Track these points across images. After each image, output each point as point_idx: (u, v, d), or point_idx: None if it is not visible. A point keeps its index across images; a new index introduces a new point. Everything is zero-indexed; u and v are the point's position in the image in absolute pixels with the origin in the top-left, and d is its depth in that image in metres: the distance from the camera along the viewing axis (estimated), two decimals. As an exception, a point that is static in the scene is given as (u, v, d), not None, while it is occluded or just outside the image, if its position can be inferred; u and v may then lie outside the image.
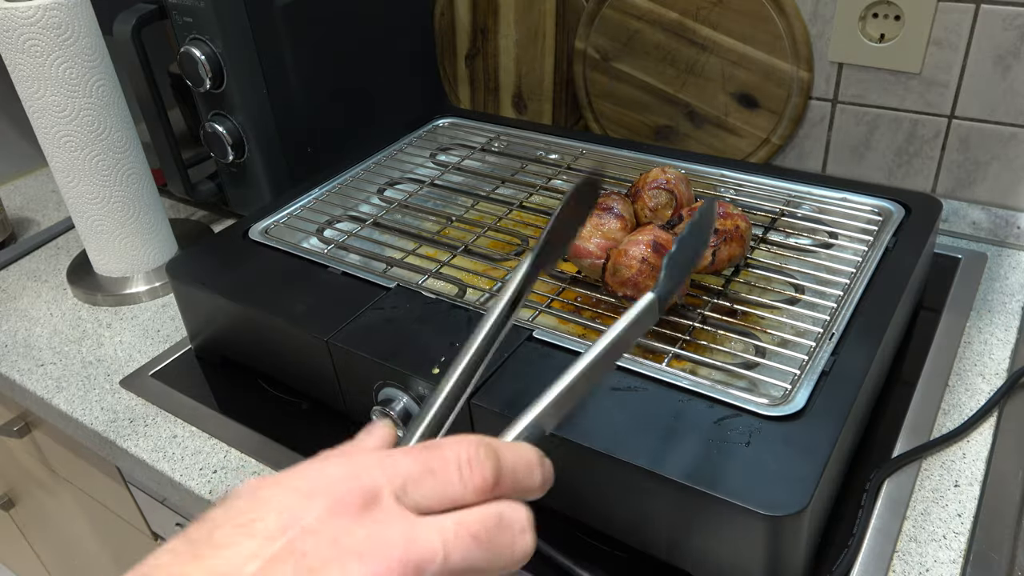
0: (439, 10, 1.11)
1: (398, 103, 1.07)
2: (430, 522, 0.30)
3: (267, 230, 0.79)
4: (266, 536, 0.28)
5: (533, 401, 0.37)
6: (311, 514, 0.29)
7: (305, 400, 0.72)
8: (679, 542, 0.51)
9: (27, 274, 0.98)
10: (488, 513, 0.31)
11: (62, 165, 0.82)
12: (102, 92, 0.80)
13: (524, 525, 0.32)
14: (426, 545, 0.29)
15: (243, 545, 0.28)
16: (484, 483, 0.31)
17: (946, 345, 0.71)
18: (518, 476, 0.33)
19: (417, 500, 0.31)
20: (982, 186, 0.86)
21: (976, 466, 0.60)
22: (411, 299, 0.66)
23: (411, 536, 0.29)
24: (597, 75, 1.01)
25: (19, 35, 0.74)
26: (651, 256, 0.60)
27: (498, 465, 0.32)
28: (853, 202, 0.75)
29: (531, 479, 0.33)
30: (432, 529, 0.30)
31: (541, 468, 0.34)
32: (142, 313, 0.88)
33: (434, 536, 0.29)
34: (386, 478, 0.31)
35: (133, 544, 0.98)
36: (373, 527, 0.29)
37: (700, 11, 0.90)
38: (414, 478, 0.31)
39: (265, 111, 0.90)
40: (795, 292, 0.66)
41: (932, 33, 0.81)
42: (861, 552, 0.54)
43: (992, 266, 0.82)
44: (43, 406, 0.78)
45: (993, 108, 0.82)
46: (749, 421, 0.52)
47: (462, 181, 0.89)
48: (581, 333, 0.64)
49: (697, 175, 0.81)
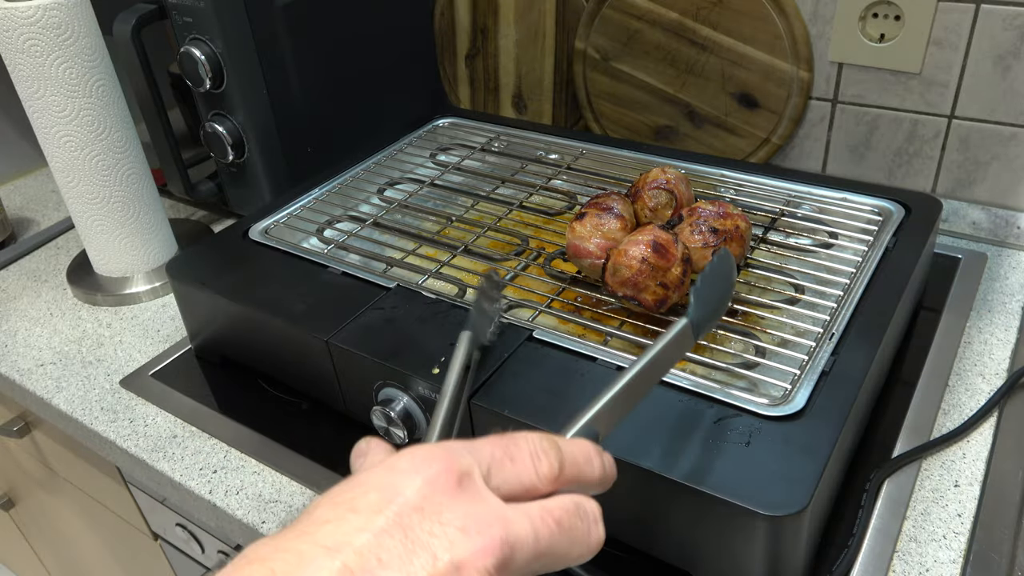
0: (439, 10, 1.11)
1: (398, 103, 1.07)
2: (517, 506, 0.31)
3: (267, 230, 0.79)
4: (371, 511, 0.29)
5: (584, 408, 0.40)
6: (411, 490, 0.30)
7: (305, 400, 0.72)
8: (679, 542, 0.51)
9: (27, 274, 0.98)
10: (567, 501, 0.33)
11: (62, 165, 0.82)
12: (102, 92, 0.80)
13: (597, 516, 0.34)
14: (520, 526, 0.31)
15: (348, 520, 0.29)
16: (551, 471, 0.33)
17: (946, 345, 0.71)
18: (580, 466, 0.35)
19: (499, 484, 0.32)
20: (982, 186, 0.86)
21: (976, 466, 0.60)
22: (411, 299, 0.66)
23: (506, 516, 0.31)
24: (597, 75, 1.01)
25: (19, 35, 0.74)
26: (651, 256, 0.60)
27: (561, 455, 0.34)
28: (853, 202, 0.75)
29: (591, 469, 0.35)
30: (521, 512, 0.31)
31: (600, 458, 0.36)
32: (142, 313, 0.88)
33: (524, 518, 0.31)
34: (475, 460, 0.32)
35: (133, 544, 0.98)
36: (471, 504, 0.30)
37: (700, 11, 0.90)
38: (497, 462, 0.33)
39: (265, 111, 0.90)
40: (795, 292, 0.66)
41: (932, 33, 0.81)
42: (861, 552, 0.54)
43: (992, 266, 0.82)
44: (43, 406, 0.78)
45: (993, 108, 0.82)
46: (749, 421, 0.52)
47: (462, 181, 0.89)
48: (581, 333, 0.64)
49: (697, 175, 0.81)
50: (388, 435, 0.62)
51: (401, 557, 0.28)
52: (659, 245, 0.61)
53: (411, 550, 0.29)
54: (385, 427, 0.61)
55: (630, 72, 0.98)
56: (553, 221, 0.81)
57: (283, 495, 0.64)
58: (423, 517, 0.30)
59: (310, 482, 0.64)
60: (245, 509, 0.63)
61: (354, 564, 0.28)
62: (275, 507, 0.63)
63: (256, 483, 0.65)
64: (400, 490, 0.30)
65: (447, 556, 0.29)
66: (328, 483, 0.64)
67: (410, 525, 0.29)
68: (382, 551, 0.28)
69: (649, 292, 0.61)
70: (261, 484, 0.65)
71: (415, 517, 0.29)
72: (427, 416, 0.60)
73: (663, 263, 0.60)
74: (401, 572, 0.28)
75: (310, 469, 0.65)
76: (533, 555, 0.31)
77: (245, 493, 0.64)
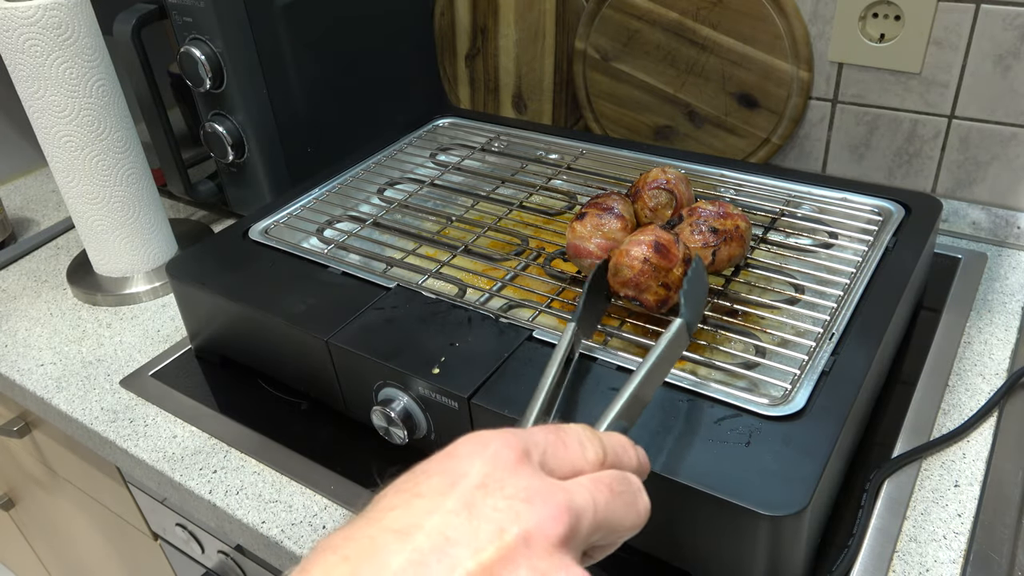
0: (439, 10, 1.11)
1: (398, 103, 1.07)
2: (572, 480, 0.33)
3: (267, 230, 0.79)
4: (436, 494, 0.31)
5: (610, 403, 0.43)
6: (474, 471, 0.31)
7: (305, 400, 0.72)
8: (679, 542, 0.51)
9: (27, 274, 0.98)
10: (614, 472, 0.35)
11: (62, 165, 0.82)
12: (102, 92, 0.80)
13: (640, 485, 0.36)
14: (582, 494, 0.32)
15: (415, 504, 0.30)
16: (597, 457, 0.35)
17: (946, 345, 0.71)
18: (619, 455, 0.37)
19: (553, 467, 0.34)
20: (982, 186, 0.86)
21: (976, 466, 0.60)
22: (411, 299, 0.66)
23: (566, 487, 0.32)
24: (597, 75, 1.01)
25: (19, 35, 0.74)
26: (653, 256, 0.60)
27: (603, 444, 0.36)
28: (853, 202, 0.75)
29: (629, 458, 0.38)
30: (576, 484, 0.33)
31: (634, 450, 0.38)
32: (142, 313, 0.88)
33: (582, 488, 0.32)
34: (532, 442, 0.34)
35: (133, 544, 0.98)
36: (531, 479, 0.31)
37: (700, 11, 0.90)
38: (551, 445, 0.34)
39: (265, 111, 0.90)
40: (795, 292, 0.66)
41: (932, 33, 0.81)
42: (861, 552, 0.54)
43: (992, 266, 0.82)
44: (43, 406, 0.78)
45: (993, 108, 0.82)
46: (749, 421, 0.52)
47: (462, 181, 0.89)
48: (581, 333, 0.64)
49: (697, 175, 0.81)
50: (388, 435, 0.62)
51: (468, 533, 0.29)
52: (661, 245, 0.61)
53: (477, 527, 0.29)
54: (385, 427, 0.61)
55: (630, 72, 0.98)
56: (553, 221, 0.81)
57: (283, 495, 0.64)
58: (486, 493, 0.30)
59: (310, 482, 0.64)
60: (245, 509, 0.63)
61: (424, 545, 0.28)
62: (275, 507, 0.63)
63: (256, 483, 0.65)
64: (463, 471, 0.31)
65: (515, 528, 0.29)
66: (328, 482, 0.64)
67: (474, 502, 0.30)
68: (449, 530, 0.29)
69: (651, 292, 0.60)
70: (261, 484, 0.65)
71: (479, 494, 0.30)
72: (427, 416, 0.60)
73: (665, 263, 0.60)
74: (470, 548, 0.28)
75: (310, 469, 0.65)
76: (594, 524, 0.32)
77: (245, 493, 0.64)
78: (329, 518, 0.61)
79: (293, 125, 0.94)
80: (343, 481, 0.64)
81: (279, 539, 0.60)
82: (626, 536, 0.35)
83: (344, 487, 0.63)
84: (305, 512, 0.62)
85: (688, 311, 0.51)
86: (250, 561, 0.77)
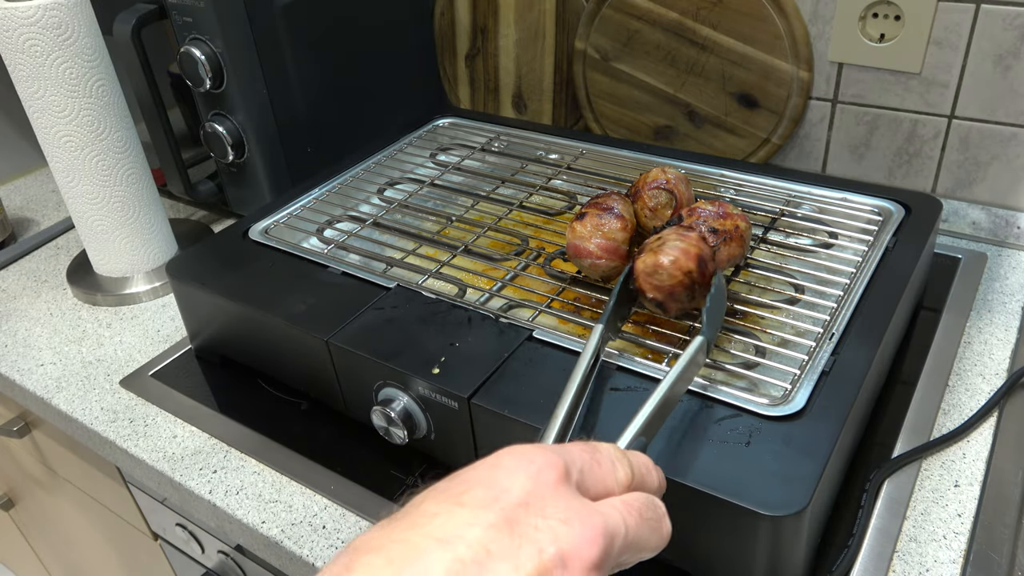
0: (439, 10, 1.11)
1: (398, 103, 1.07)
2: (607, 502, 0.34)
3: (267, 230, 0.79)
4: (478, 506, 0.31)
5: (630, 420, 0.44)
6: (516, 487, 0.32)
7: (305, 400, 0.72)
8: (679, 542, 0.51)
9: (27, 274, 0.98)
10: (641, 495, 0.36)
11: (62, 165, 0.82)
12: (102, 92, 0.80)
13: (664, 511, 0.37)
14: (614, 518, 0.33)
15: (456, 514, 0.31)
16: (627, 478, 0.36)
17: (946, 345, 0.71)
18: (643, 475, 0.38)
19: (588, 486, 0.35)
20: (982, 186, 0.86)
21: (976, 466, 0.60)
22: (411, 299, 0.66)
23: (600, 510, 0.33)
24: (597, 75, 1.01)
25: (19, 35, 0.74)
26: (695, 272, 0.59)
27: (631, 465, 0.37)
28: (853, 202, 0.75)
29: (652, 479, 0.39)
30: (609, 506, 0.34)
31: (657, 472, 0.39)
32: (142, 313, 0.88)
33: (614, 511, 0.33)
34: (571, 461, 0.34)
35: (133, 544, 0.98)
36: (571, 500, 0.32)
37: (700, 11, 0.90)
38: (588, 465, 0.35)
39: (265, 111, 0.90)
40: (795, 292, 0.66)
41: (932, 33, 0.81)
42: (861, 552, 0.54)
43: (992, 266, 0.82)
44: (43, 406, 0.78)
45: (993, 108, 0.82)
46: (749, 421, 0.52)
47: (462, 181, 0.89)
48: (581, 333, 0.64)
49: (697, 175, 0.81)
50: (388, 435, 0.62)
51: (509, 550, 0.30)
52: (703, 260, 0.59)
53: (518, 544, 0.30)
54: (385, 427, 0.61)
55: (630, 72, 0.98)
56: (553, 221, 0.81)
57: (283, 495, 0.64)
58: (528, 512, 0.31)
59: (310, 482, 0.64)
60: (245, 509, 0.63)
61: (466, 556, 0.29)
62: (275, 507, 0.63)
63: (256, 483, 0.65)
64: (506, 487, 0.32)
65: (553, 549, 0.30)
66: (328, 482, 0.64)
67: (516, 519, 0.31)
68: (491, 544, 0.30)
69: (678, 302, 0.60)
70: (261, 484, 0.65)
71: (520, 512, 0.31)
72: (427, 416, 0.60)
73: (701, 279, 0.59)
74: (509, 564, 0.29)
75: (310, 469, 0.65)
76: (624, 546, 0.33)
77: (245, 493, 0.64)
78: (329, 518, 0.61)
79: (293, 125, 0.94)
80: (343, 481, 0.64)
81: (279, 539, 0.60)
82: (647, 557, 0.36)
83: (344, 487, 0.63)
84: (305, 512, 0.62)
85: (709, 329, 0.52)
86: (250, 561, 0.77)
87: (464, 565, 0.29)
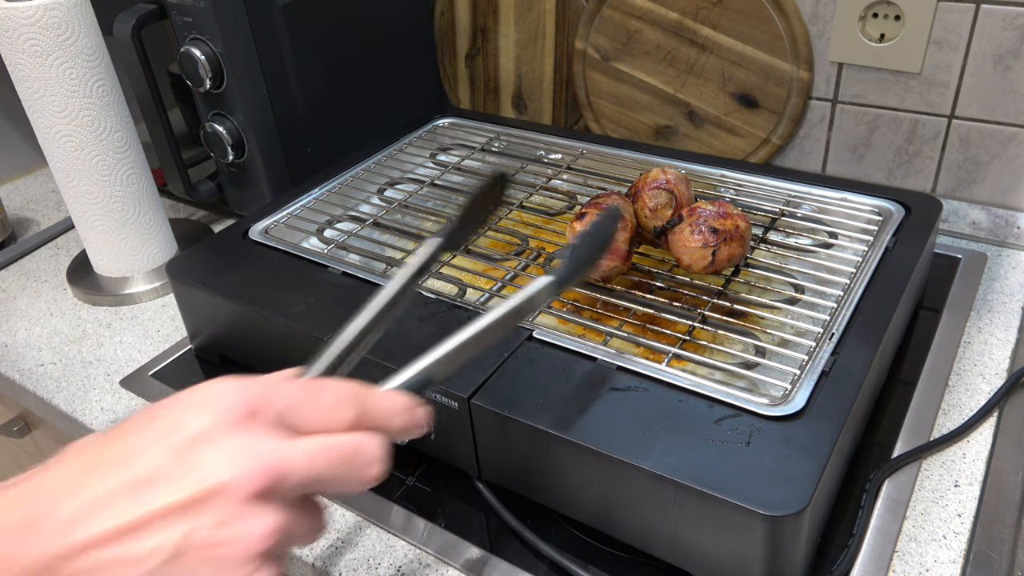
0: (439, 10, 1.11)
1: (398, 103, 1.07)
2: (300, 440, 0.36)
3: (267, 230, 0.79)
4: (162, 432, 0.36)
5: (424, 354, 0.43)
6: (199, 421, 0.36)
7: (305, 400, 0.71)
8: (679, 542, 0.51)
9: (27, 274, 0.98)
10: (347, 440, 0.38)
11: (62, 165, 0.82)
12: (102, 92, 0.80)
13: (375, 457, 0.38)
14: (294, 455, 0.36)
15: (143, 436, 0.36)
16: (346, 422, 0.38)
17: (946, 345, 0.71)
18: (381, 418, 0.39)
19: (295, 422, 0.37)
20: (982, 186, 0.86)
21: (976, 466, 0.60)
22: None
23: (283, 447, 0.36)
24: (597, 75, 1.01)
25: (19, 35, 0.74)
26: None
27: (362, 411, 0.39)
28: (853, 202, 0.75)
29: (392, 423, 0.40)
30: (301, 445, 0.36)
31: (407, 414, 0.41)
32: (142, 313, 0.88)
33: (300, 451, 0.36)
34: (271, 400, 0.37)
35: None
36: (248, 437, 0.35)
37: (700, 11, 0.90)
38: (297, 404, 0.38)
39: (265, 111, 0.90)
40: (795, 292, 0.66)
41: (932, 33, 0.81)
42: (861, 552, 0.54)
43: (992, 266, 0.82)
44: (43, 406, 0.78)
45: (993, 108, 0.82)
46: (749, 421, 0.52)
47: (462, 181, 0.89)
48: (581, 333, 0.64)
49: (697, 175, 0.81)
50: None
51: (176, 474, 0.34)
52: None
53: (185, 471, 0.34)
54: (385, 427, 0.61)
55: (630, 72, 0.98)
56: (553, 221, 0.81)
57: (283, 495, 0.64)
58: (202, 443, 0.35)
59: (310, 482, 0.64)
60: (245, 509, 0.63)
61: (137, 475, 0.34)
62: (275, 507, 0.63)
63: (256, 483, 0.65)
64: (190, 419, 0.36)
65: (215, 479, 0.34)
66: (328, 483, 0.64)
67: (189, 448, 0.35)
68: (162, 467, 0.34)
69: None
70: (261, 484, 0.65)
71: (194, 443, 0.35)
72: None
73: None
74: (173, 486, 0.34)
75: (310, 469, 0.65)
76: (304, 481, 0.36)
77: (245, 493, 0.64)
78: (327, 517, 0.61)
79: (293, 125, 0.94)
80: (343, 481, 0.64)
81: (279, 539, 0.60)
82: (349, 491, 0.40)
83: (344, 487, 0.63)
84: (305, 512, 0.62)
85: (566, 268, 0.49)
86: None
87: (133, 483, 0.34)
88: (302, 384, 0.39)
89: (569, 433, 0.52)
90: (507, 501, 0.59)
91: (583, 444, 0.51)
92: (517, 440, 0.55)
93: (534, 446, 0.54)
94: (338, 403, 0.38)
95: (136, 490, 0.34)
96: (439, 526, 0.59)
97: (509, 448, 0.56)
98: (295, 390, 0.38)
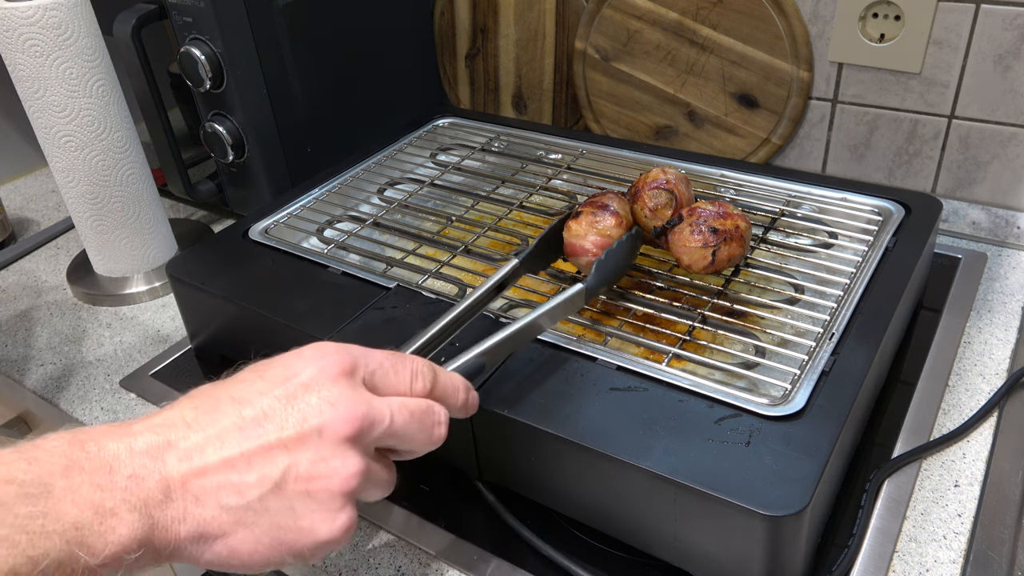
0: (439, 10, 1.11)
1: (398, 103, 1.07)
2: (384, 398, 0.43)
3: (267, 230, 0.79)
4: (272, 381, 0.42)
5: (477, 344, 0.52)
6: (305, 372, 0.42)
7: (305, 400, 0.71)
8: (679, 542, 0.51)
9: (27, 274, 0.98)
10: (422, 402, 0.45)
11: (62, 165, 0.82)
12: (102, 92, 0.80)
13: (443, 419, 0.46)
14: (381, 409, 0.42)
15: (255, 384, 0.42)
16: (423, 390, 0.45)
17: (946, 345, 0.71)
18: (447, 393, 0.47)
19: (377, 385, 0.44)
20: (982, 186, 0.86)
21: (976, 466, 0.60)
22: (411, 299, 0.66)
23: (371, 401, 0.42)
24: (597, 75, 1.01)
25: (19, 35, 0.74)
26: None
27: (434, 381, 0.46)
28: (853, 202, 0.75)
29: (456, 398, 0.48)
30: (385, 402, 0.43)
31: (465, 393, 0.49)
32: (142, 313, 0.88)
33: (386, 405, 0.43)
34: (363, 363, 0.44)
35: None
36: (345, 389, 0.42)
37: (700, 11, 0.90)
38: (383, 370, 0.44)
39: (265, 111, 0.90)
40: (795, 292, 0.66)
41: (932, 33, 0.81)
42: (861, 552, 0.54)
43: (992, 266, 0.82)
44: (43, 406, 0.78)
45: (993, 108, 0.82)
46: (749, 421, 0.52)
47: (462, 181, 0.89)
48: (581, 333, 0.64)
49: (697, 175, 0.81)
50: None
51: (282, 416, 0.40)
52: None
53: (290, 413, 0.40)
54: (385, 427, 0.61)
55: (630, 72, 0.98)
56: (553, 221, 0.81)
57: (283, 495, 0.64)
58: (306, 391, 0.41)
59: (310, 482, 0.64)
60: (245, 509, 0.63)
61: (248, 416, 0.40)
62: (275, 507, 0.63)
63: (256, 483, 0.65)
64: (297, 370, 0.42)
65: (316, 421, 0.40)
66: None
67: (296, 395, 0.41)
68: (270, 409, 0.40)
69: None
70: (261, 484, 0.65)
71: (301, 390, 0.41)
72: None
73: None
74: (276, 425, 0.40)
75: (310, 469, 0.65)
76: (387, 433, 0.42)
77: (245, 493, 0.64)
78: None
79: (293, 125, 0.94)
80: (343, 481, 0.64)
81: (279, 539, 0.60)
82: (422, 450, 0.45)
83: (344, 487, 0.63)
84: (305, 512, 0.62)
85: (593, 279, 0.59)
86: (250, 561, 0.77)
87: (245, 421, 0.40)
88: (389, 354, 0.45)
89: (569, 433, 0.52)
90: (507, 501, 0.59)
91: (583, 444, 0.51)
92: (517, 440, 0.55)
93: (534, 446, 0.54)
94: (416, 373, 0.45)
95: (249, 427, 0.40)
96: (439, 526, 0.59)
97: (509, 448, 0.56)
98: (384, 358, 0.45)
